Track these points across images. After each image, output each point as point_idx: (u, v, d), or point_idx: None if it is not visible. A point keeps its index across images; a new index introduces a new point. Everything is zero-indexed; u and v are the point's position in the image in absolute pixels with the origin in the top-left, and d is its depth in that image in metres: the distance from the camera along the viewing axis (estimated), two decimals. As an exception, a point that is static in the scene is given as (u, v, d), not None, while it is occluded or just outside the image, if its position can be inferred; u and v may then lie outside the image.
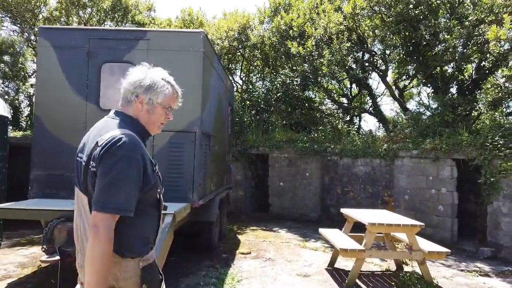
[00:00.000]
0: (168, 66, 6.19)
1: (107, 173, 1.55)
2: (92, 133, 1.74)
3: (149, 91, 1.76)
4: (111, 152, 1.57)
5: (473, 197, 9.47)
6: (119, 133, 1.62)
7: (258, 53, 13.52)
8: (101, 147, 1.59)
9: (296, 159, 10.55)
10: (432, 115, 9.71)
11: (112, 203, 1.54)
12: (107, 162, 1.56)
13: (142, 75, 1.78)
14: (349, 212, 6.16)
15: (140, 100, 1.76)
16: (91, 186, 1.61)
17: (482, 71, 10.47)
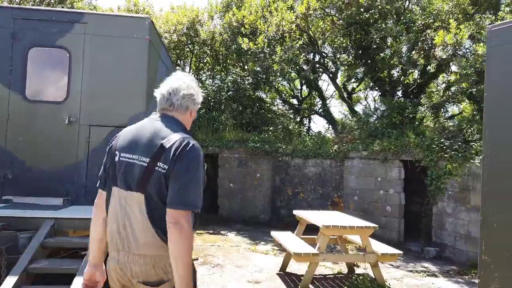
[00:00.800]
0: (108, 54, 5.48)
1: (184, 174, 1.68)
2: (144, 134, 1.81)
3: (196, 104, 1.97)
4: (185, 154, 1.69)
5: (417, 198, 9.76)
6: (186, 137, 1.76)
7: (208, 50, 13.06)
8: (174, 149, 1.71)
9: (247, 159, 10.25)
10: (380, 117, 9.87)
11: (191, 201, 1.68)
12: (182, 163, 1.68)
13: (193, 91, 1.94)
14: (302, 214, 5.94)
15: (190, 111, 1.95)
16: (156, 185, 1.71)
17: (426, 76, 10.86)
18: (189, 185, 1.69)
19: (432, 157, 7.56)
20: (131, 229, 1.77)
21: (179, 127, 1.87)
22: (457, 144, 7.32)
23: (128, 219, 1.78)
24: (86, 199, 4.96)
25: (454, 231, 7.27)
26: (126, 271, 1.78)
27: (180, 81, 1.93)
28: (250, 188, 10.14)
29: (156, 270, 1.76)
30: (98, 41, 5.10)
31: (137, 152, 1.79)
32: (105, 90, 5.09)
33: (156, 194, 1.73)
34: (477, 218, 6.85)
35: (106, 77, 5.09)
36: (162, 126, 1.83)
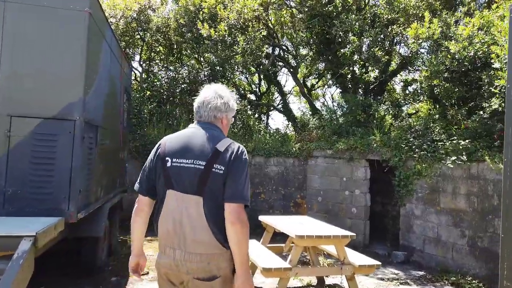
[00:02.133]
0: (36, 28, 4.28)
1: (240, 173, 1.93)
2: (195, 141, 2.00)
3: (230, 111, 2.18)
4: (238, 156, 1.96)
5: (380, 199, 9.51)
6: (233, 141, 2.04)
7: (161, 38, 12.01)
8: (230, 152, 1.96)
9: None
10: (344, 115, 9.49)
11: (246, 196, 1.93)
12: (238, 163, 1.94)
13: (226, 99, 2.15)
14: (269, 220, 5.29)
15: (225, 117, 2.17)
16: (213, 186, 1.91)
17: (388, 74, 10.66)
18: (244, 183, 1.93)
19: (401, 156, 7.23)
20: (189, 228, 1.92)
21: (222, 133, 2.10)
22: (426, 143, 7.04)
23: (185, 219, 1.93)
24: (5, 208, 3.95)
25: (422, 234, 6.99)
26: (181, 267, 1.95)
27: (206, 93, 2.14)
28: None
29: (211, 267, 1.92)
30: (23, 11, 4.08)
31: (191, 157, 1.96)
32: (31, 73, 4.08)
33: (212, 196, 1.92)
34: (447, 221, 6.60)
35: (33, 57, 4.08)
36: (210, 133, 2.04)
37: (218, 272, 1.93)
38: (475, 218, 6.18)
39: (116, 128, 6.23)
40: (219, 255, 1.93)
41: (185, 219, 1.94)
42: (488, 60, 6.54)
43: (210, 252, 1.92)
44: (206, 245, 1.92)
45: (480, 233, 6.11)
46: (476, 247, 6.15)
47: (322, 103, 15.49)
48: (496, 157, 5.83)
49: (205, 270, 1.92)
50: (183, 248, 1.94)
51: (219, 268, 1.94)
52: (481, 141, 6.27)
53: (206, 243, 1.91)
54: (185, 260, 1.94)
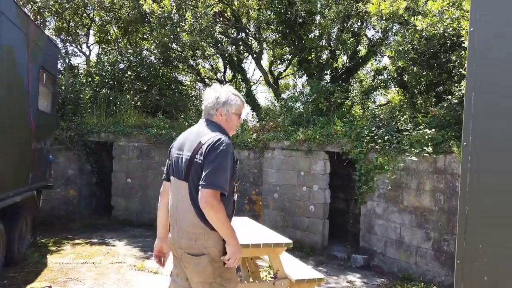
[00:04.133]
0: None
1: (212, 162, 2.13)
2: (191, 135, 2.34)
3: (225, 105, 2.34)
4: (214, 147, 2.15)
5: (343, 195, 8.73)
6: (218, 134, 2.22)
7: (110, 18, 10.85)
8: (207, 144, 2.18)
9: (149, 149, 8.43)
10: (306, 103, 8.63)
11: (216, 182, 2.11)
12: (212, 154, 2.14)
13: (217, 94, 2.36)
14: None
15: (220, 112, 2.35)
16: (195, 174, 2.19)
17: (356, 59, 9.85)
18: (215, 171, 2.12)
19: (362, 148, 6.41)
20: (181, 210, 2.26)
21: (216, 128, 2.31)
22: (389, 133, 6.24)
23: (179, 202, 2.28)
24: None
25: (384, 236, 6.21)
26: (176, 243, 2.28)
27: (210, 93, 2.40)
28: (153, 184, 8.35)
29: (198, 244, 2.20)
30: None
31: (185, 149, 2.30)
32: None
33: (194, 182, 2.20)
34: (410, 221, 5.83)
35: None
36: (203, 128, 2.33)
37: (206, 250, 2.18)
38: (441, 218, 5.43)
39: (20, 111, 5.17)
40: (203, 234, 2.18)
41: (179, 202, 2.27)
42: (459, 40, 5.76)
43: (195, 231, 2.18)
44: (192, 224, 2.19)
45: (446, 235, 5.36)
46: (442, 251, 5.40)
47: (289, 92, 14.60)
48: (465, 148, 5.05)
49: (193, 247, 2.19)
50: (178, 226, 2.26)
51: (206, 246, 2.18)
52: (450, 131, 5.49)
53: (192, 223, 2.19)
54: (178, 236, 2.25)
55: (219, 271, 2.21)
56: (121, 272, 5.34)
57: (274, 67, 13.11)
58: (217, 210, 2.09)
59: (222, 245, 2.20)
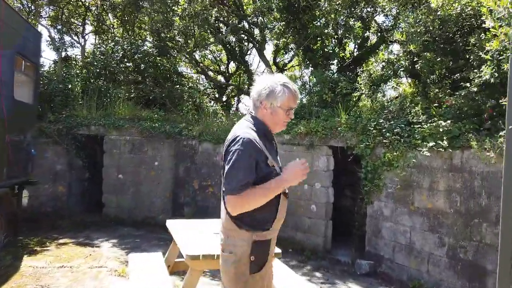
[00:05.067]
0: None
1: (228, 163, 1.97)
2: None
3: (270, 97, 2.08)
4: (229, 148, 2.00)
5: (350, 193, 8.13)
6: (240, 133, 2.00)
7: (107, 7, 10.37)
8: (226, 144, 2.06)
9: (141, 143, 7.93)
10: (309, 94, 8.03)
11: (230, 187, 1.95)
12: (228, 154, 2.00)
13: (263, 84, 2.10)
14: (174, 226, 3.82)
15: (264, 105, 2.10)
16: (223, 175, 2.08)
17: (365, 48, 9.18)
18: (230, 173, 1.96)
19: (368, 142, 5.80)
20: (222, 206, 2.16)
21: (251, 123, 2.09)
22: (399, 126, 5.61)
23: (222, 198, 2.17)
24: None
25: (393, 240, 5.60)
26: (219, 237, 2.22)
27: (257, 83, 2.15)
28: (146, 181, 7.88)
29: (228, 242, 2.10)
30: None
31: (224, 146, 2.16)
32: None
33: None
34: (422, 224, 5.21)
35: None
36: (240, 124, 2.13)
37: (234, 248, 2.07)
38: (457, 222, 4.80)
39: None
40: (234, 231, 2.07)
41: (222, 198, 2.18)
42: (479, 21, 5.09)
43: (227, 228, 2.11)
44: (226, 223, 2.12)
45: (463, 241, 4.73)
46: (458, 260, 4.77)
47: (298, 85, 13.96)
48: (486, 142, 4.42)
49: (225, 243, 2.12)
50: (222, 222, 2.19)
51: (235, 245, 2.07)
52: (467, 123, 4.85)
53: (225, 221, 2.12)
54: (220, 231, 2.20)
55: (243, 280, 2.05)
56: (99, 278, 4.85)
57: (279, 57, 12.52)
58: (246, 206, 1.97)
59: (251, 247, 2.04)
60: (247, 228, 2.02)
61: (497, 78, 4.54)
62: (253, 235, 2.03)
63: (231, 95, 13.97)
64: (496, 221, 4.35)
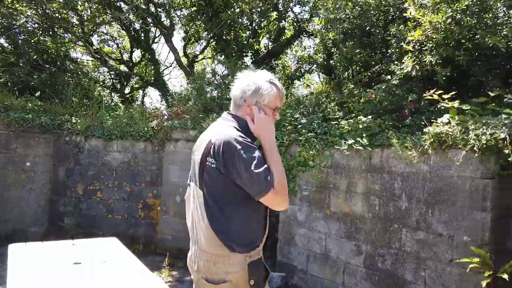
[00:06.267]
0: None
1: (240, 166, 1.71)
2: (207, 134, 1.89)
3: (255, 95, 1.87)
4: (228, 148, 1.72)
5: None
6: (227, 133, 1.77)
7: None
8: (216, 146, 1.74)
9: (8, 139, 6.33)
10: (220, 86, 7.22)
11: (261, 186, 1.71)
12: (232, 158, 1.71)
13: (248, 80, 1.89)
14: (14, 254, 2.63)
15: (248, 103, 1.88)
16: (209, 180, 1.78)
17: (280, 42, 8.68)
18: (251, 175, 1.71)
19: (282, 140, 5.16)
20: (198, 224, 1.83)
21: (234, 123, 1.87)
22: (315, 122, 5.07)
23: (197, 213, 1.84)
24: None
25: (306, 248, 5.02)
26: (194, 264, 1.88)
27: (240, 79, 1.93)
28: (14, 185, 6.30)
29: (217, 268, 1.79)
30: None
31: (200, 149, 1.85)
32: None
33: (209, 192, 1.77)
34: (338, 231, 4.70)
35: None
36: (219, 124, 1.91)
37: (226, 276, 1.79)
38: (375, 227, 4.35)
39: None
40: (224, 257, 1.78)
41: (197, 213, 1.86)
42: (399, 10, 4.77)
43: (214, 252, 1.79)
44: (210, 243, 1.79)
45: (381, 249, 4.30)
46: (376, 269, 4.33)
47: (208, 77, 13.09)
48: (408, 140, 4.02)
49: (211, 272, 1.81)
50: (197, 243, 1.87)
51: (227, 272, 1.79)
52: (387, 119, 4.45)
53: (210, 241, 1.79)
54: (196, 256, 1.87)
55: None
56: None
57: (190, 48, 11.54)
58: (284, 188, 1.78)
59: (248, 270, 1.80)
60: (240, 249, 1.80)
61: (419, 71, 4.20)
62: (247, 256, 1.81)
63: (135, 86, 12.58)
64: (417, 227, 3.97)
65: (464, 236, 3.60)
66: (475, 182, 3.54)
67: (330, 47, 6.35)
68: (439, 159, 3.79)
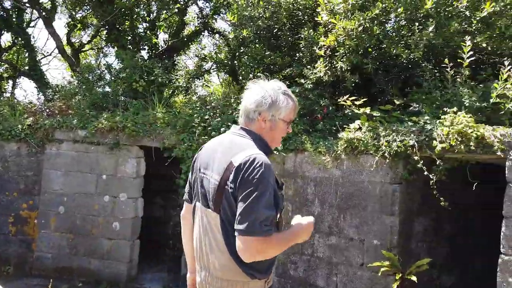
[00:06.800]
0: None
1: (249, 195, 1.54)
2: (219, 150, 1.71)
3: (272, 108, 1.72)
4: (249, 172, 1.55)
5: (162, 200, 6.96)
6: (252, 154, 1.59)
7: None
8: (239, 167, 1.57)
9: None
10: (114, 80, 6.43)
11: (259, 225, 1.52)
12: (247, 183, 1.55)
13: (261, 92, 1.73)
14: None
15: (263, 117, 1.73)
16: (227, 204, 1.61)
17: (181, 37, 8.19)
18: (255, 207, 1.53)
19: (191, 142, 4.74)
20: (210, 248, 1.67)
21: (253, 141, 1.70)
22: (225, 124, 4.77)
23: (208, 237, 1.69)
24: None
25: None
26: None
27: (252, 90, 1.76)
28: None
29: None
30: None
31: (212, 168, 1.69)
32: None
33: (227, 217, 1.63)
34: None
35: None
36: (236, 139, 1.72)
37: None
38: (288, 234, 4.24)
39: None
40: (242, 284, 1.65)
41: (207, 237, 1.70)
42: (310, 14, 4.77)
43: (231, 279, 1.65)
44: (226, 269, 1.64)
45: (293, 256, 4.20)
46: (288, 277, 4.22)
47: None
48: (321, 145, 4.00)
49: None
50: (207, 269, 1.70)
51: None
52: (299, 123, 4.39)
53: (226, 267, 1.63)
54: (207, 283, 1.70)
55: None
56: None
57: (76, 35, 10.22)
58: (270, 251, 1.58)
59: None
60: (259, 276, 1.65)
61: (330, 76, 4.22)
62: (266, 282, 1.69)
63: (4, 75, 10.67)
64: (330, 232, 3.97)
65: (374, 240, 3.69)
66: (385, 187, 3.65)
67: (235, 47, 6.13)
68: (351, 165, 3.84)
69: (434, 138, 3.28)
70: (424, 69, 4.04)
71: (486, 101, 3.44)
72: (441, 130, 3.25)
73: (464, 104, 3.41)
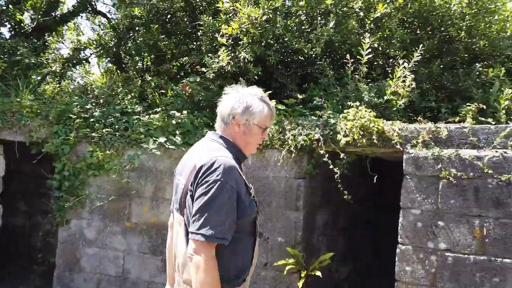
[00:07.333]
0: None
1: (202, 197, 1.52)
2: (191, 155, 1.73)
3: (246, 113, 1.72)
4: (207, 175, 1.53)
5: (26, 206, 5.83)
6: (215, 156, 1.58)
7: None
8: (199, 170, 1.56)
9: None
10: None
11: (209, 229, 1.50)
12: (203, 185, 1.52)
13: (237, 96, 1.73)
14: None
15: (237, 121, 1.72)
16: (188, 209, 1.59)
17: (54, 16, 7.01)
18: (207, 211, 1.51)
19: (67, 136, 3.98)
20: (179, 252, 1.68)
21: (222, 144, 1.71)
22: (112, 116, 4.14)
23: (178, 243, 1.71)
24: None
25: (97, 272, 4.02)
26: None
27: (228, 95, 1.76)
28: None
29: None
30: None
31: (181, 173, 1.72)
32: None
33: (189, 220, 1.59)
34: (140, 245, 3.97)
35: None
36: (206, 144, 1.73)
37: None
38: (186, 237, 3.85)
39: None
40: None
41: (178, 241, 1.69)
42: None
43: None
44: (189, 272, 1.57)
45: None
46: (186, 285, 3.82)
47: None
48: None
49: None
50: (179, 273, 1.67)
51: None
52: (199, 115, 4.04)
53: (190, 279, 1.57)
54: (179, 285, 1.67)
55: None
56: None
57: None
58: (203, 270, 1.49)
59: None
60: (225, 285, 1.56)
61: (233, 67, 3.97)
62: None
63: None
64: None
65: (279, 238, 3.56)
66: (290, 182, 3.55)
67: (123, 29, 5.48)
68: (256, 160, 3.65)
69: (338, 132, 3.28)
70: (322, 65, 4.08)
71: (381, 97, 3.60)
72: (345, 124, 3.27)
73: (363, 99, 3.50)
